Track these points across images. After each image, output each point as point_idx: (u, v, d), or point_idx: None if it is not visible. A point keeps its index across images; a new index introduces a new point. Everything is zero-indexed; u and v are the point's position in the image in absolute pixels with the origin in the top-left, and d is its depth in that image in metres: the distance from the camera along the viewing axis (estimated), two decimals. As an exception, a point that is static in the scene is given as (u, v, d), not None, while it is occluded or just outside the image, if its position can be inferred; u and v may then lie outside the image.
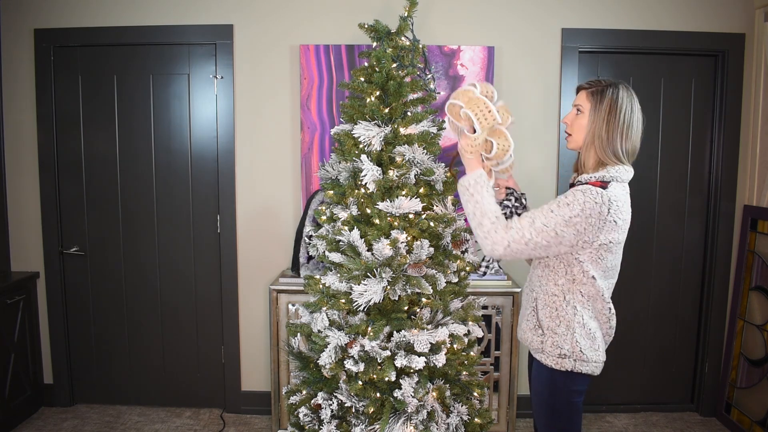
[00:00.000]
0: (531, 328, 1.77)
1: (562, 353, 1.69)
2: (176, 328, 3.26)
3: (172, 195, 3.18)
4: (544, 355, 1.73)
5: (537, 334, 1.74)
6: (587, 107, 1.69)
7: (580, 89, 1.76)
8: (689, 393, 3.33)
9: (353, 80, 2.03)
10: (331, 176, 2.10)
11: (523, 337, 1.82)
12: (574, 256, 1.66)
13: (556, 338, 1.70)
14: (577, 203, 1.58)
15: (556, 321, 1.70)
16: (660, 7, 3.02)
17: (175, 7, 3.04)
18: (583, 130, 1.70)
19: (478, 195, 1.67)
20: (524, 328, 1.80)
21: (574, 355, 1.68)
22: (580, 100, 1.72)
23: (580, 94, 1.74)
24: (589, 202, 1.57)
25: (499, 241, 1.62)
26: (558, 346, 1.69)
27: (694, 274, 3.26)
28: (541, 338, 1.73)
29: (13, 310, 3.01)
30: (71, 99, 3.12)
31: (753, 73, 3.04)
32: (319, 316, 2.01)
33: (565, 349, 1.69)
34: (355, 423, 1.93)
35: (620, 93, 1.67)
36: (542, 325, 1.73)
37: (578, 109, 1.72)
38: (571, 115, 1.75)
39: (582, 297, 1.69)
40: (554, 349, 1.70)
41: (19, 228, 3.19)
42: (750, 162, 3.08)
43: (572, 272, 1.68)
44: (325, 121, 3.04)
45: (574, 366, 1.69)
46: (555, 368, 1.70)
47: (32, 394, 3.14)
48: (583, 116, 1.70)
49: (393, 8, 2.93)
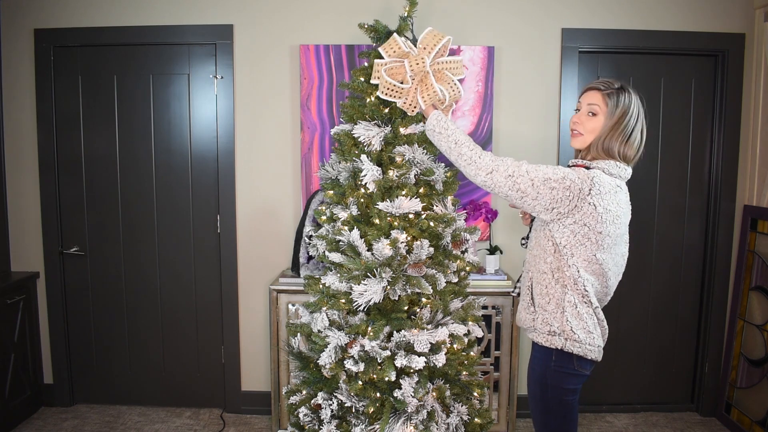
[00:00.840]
0: (525, 307, 1.81)
1: (551, 330, 1.71)
2: (176, 328, 3.26)
3: (172, 195, 3.18)
4: (536, 333, 1.76)
5: (529, 312, 1.78)
6: (603, 110, 1.71)
7: (592, 89, 1.74)
8: (689, 393, 3.33)
9: (353, 80, 2.03)
10: (331, 176, 2.10)
11: (518, 318, 1.86)
12: (553, 235, 1.69)
13: (546, 315, 1.72)
14: (561, 171, 1.65)
15: (546, 298, 1.73)
16: (660, 7, 3.02)
17: (175, 7, 3.04)
18: (595, 132, 1.72)
19: (446, 130, 1.80)
20: (520, 309, 1.85)
21: (564, 333, 1.69)
22: (595, 101, 1.72)
23: (593, 95, 1.73)
24: (572, 174, 1.64)
25: (484, 166, 1.70)
26: (548, 323, 1.72)
27: (694, 274, 3.26)
28: (533, 316, 1.76)
29: (13, 310, 3.01)
30: (71, 99, 3.12)
31: (753, 73, 3.04)
32: (319, 316, 2.01)
33: (554, 326, 1.70)
34: (355, 423, 1.93)
35: (633, 99, 1.72)
36: (534, 302, 1.77)
37: (593, 111, 1.72)
38: (582, 116, 1.75)
39: (567, 279, 1.70)
40: (544, 326, 1.72)
41: (19, 228, 3.19)
42: (750, 162, 3.08)
43: (558, 253, 1.70)
44: (325, 121, 3.04)
45: (565, 344, 1.69)
46: (545, 346, 1.72)
47: (32, 394, 3.14)
48: (597, 119, 1.72)
49: (393, 8, 2.93)
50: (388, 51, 1.92)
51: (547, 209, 1.66)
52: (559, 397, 1.74)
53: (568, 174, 1.64)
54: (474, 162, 1.72)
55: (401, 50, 1.91)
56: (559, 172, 1.64)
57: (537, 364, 1.78)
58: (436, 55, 1.92)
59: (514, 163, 1.69)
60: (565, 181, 1.62)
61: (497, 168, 1.69)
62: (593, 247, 1.67)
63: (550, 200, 1.64)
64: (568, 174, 1.64)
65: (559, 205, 1.63)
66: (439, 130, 1.81)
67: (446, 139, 1.79)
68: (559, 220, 1.66)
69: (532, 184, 1.65)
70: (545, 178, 1.64)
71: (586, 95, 1.76)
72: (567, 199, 1.62)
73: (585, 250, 1.67)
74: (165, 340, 3.27)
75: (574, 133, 1.77)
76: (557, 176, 1.64)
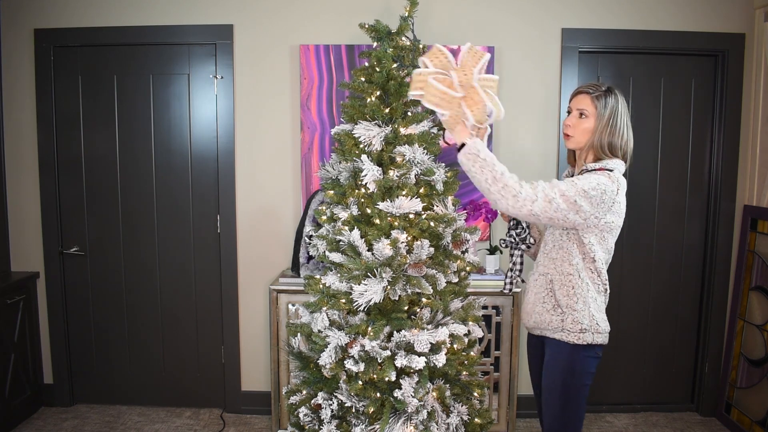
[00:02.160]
0: (549, 310, 1.84)
1: (582, 328, 1.79)
2: (176, 328, 3.26)
3: (172, 195, 3.18)
4: (564, 333, 1.81)
5: (557, 313, 1.82)
6: (592, 112, 1.80)
7: (580, 93, 1.84)
8: (689, 393, 3.33)
9: (353, 80, 2.03)
10: (331, 176, 2.10)
11: (538, 320, 1.88)
12: (582, 236, 1.78)
13: (576, 314, 1.79)
14: (594, 179, 1.71)
15: (574, 298, 1.80)
16: (660, 7, 3.02)
17: (175, 7, 3.04)
18: (587, 133, 1.82)
19: (490, 158, 1.71)
20: (539, 311, 1.87)
21: (592, 327, 1.80)
22: (583, 104, 1.82)
23: (582, 98, 1.83)
24: (604, 180, 1.72)
25: (528, 197, 1.68)
26: (578, 321, 1.79)
27: (694, 274, 3.26)
28: (561, 317, 1.82)
29: (13, 310, 3.01)
30: (71, 99, 3.12)
31: (753, 73, 3.04)
32: (319, 316, 2.01)
33: (584, 323, 1.79)
34: (355, 423, 1.93)
35: (619, 99, 1.82)
36: (560, 303, 1.82)
37: (582, 113, 1.82)
38: (573, 119, 1.84)
39: (592, 274, 1.81)
40: (575, 325, 1.80)
41: (19, 228, 3.19)
42: (750, 162, 3.08)
43: (583, 251, 1.79)
44: (325, 121, 3.04)
45: (593, 338, 1.80)
46: (577, 343, 1.80)
47: (32, 394, 3.14)
48: (587, 120, 1.81)
49: (393, 8, 2.93)
50: (433, 60, 1.79)
51: (587, 219, 1.73)
52: (581, 383, 1.83)
53: (600, 180, 1.71)
54: (519, 194, 1.68)
55: (447, 61, 1.78)
56: (592, 181, 1.70)
57: (562, 357, 1.83)
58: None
59: (548, 186, 1.71)
60: (600, 186, 1.70)
61: (538, 195, 1.69)
62: (612, 239, 1.82)
63: (591, 210, 1.71)
64: (600, 180, 1.71)
65: (597, 211, 1.72)
66: (484, 156, 1.70)
67: (490, 169, 1.70)
68: (591, 226, 1.75)
69: (575, 201, 1.69)
70: (582, 191, 1.69)
71: (576, 99, 1.85)
72: (603, 203, 1.72)
73: (606, 244, 1.81)
74: (165, 340, 3.27)
75: (565, 135, 1.88)
76: (591, 185, 1.70)
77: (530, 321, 1.92)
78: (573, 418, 1.86)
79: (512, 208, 1.69)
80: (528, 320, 1.94)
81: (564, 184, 1.71)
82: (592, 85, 1.83)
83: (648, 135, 3.15)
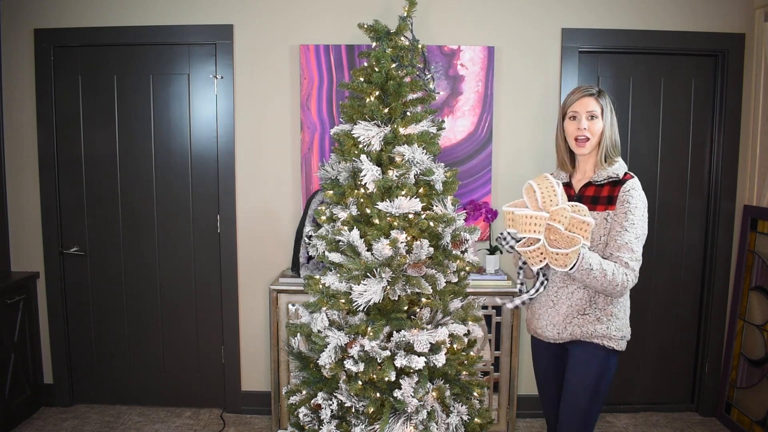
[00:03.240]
0: (594, 320, 1.87)
1: (622, 335, 1.89)
2: (176, 327, 3.26)
3: (172, 195, 3.18)
4: (609, 339, 1.86)
5: (602, 322, 1.86)
6: (599, 111, 1.88)
7: (584, 96, 1.90)
8: (689, 393, 3.33)
9: (353, 80, 2.03)
10: (331, 176, 2.10)
11: (577, 331, 1.88)
12: None
13: (618, 322, 1.88)
14: (640, 200, 1.83)
15: (617, 307, 1.88)
16: (660, 7, 3.02)
17: (175, 7, 3.04)
18: (597, 133, 1.89)
19: (597, 266, 1.73)
20: (580, 323, 1.88)
21: (626, 335, 1.91)
22: (591, 106, 1.88)
23: (587, 101, 1.89)
24: (641, 192, 1.85)
25: (633, 278, 1.80)
26: (619, 329, 1.88)
27: (694, 274, 3.25)
28: (607, 324, 1.86)
29: (13, 310, 3.01)
30: (71, 99, 3.12)
31: (753, 73, 3.03)
32: (319, 316, 2.01)
33: (624, 330, 1.89)
34: (355, 423, 1.93)
35: (608, 96, 1.92)
36: (606, 312, 1.87)
37: (593, 115, 1.88)
38: (586, 121, 1.89)
39: None
40: (618, 332, 1.87)
41: (19, 228, 3.19)
42: (750, 162, 3.08)
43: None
44: (325, 121, 3.04)
45: (624, 345, 1.90)
46: (616, 349, 1.88)
47: (32, 394, 3.14)
48: (598, 121, 1.88)
49: (393, 8, 2.93)
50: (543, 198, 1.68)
51: None
52: (608, 379, 1.90)
53: (640, 195, 1.84)
54: (627, 282, 1.78)
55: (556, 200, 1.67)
56: (640, 203, 1.82)
57: (596, 362, 1.88)
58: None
59: (632, 248, 1.79)
60: (644, 202, 1.85)
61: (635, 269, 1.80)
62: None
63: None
64: (640, 196, 1.83)
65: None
66: (596, 267, 1.72)
67: (602, 275, 1.73)
68: None
69: (645, 232, 1.84)
70: (644, 219, 1.83)
71: (581, 102, 1.90)
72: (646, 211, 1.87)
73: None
74: (165, 340, 3.27)
75: (581, 139, 1.90)
76: (642, 207, 1.83)
77: (564, 333, 1.90)
78: (595, 419, 1.93)
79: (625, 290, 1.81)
80: (559, 332, 1.90)
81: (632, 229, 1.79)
82: (588, 88, 1.91)
83: (648, 135, 3.15)
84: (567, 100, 1.94)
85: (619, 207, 1.82)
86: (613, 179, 1.88)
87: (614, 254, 1.79)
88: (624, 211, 1.81)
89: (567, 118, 1.93)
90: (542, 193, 1.68)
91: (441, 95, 3.01)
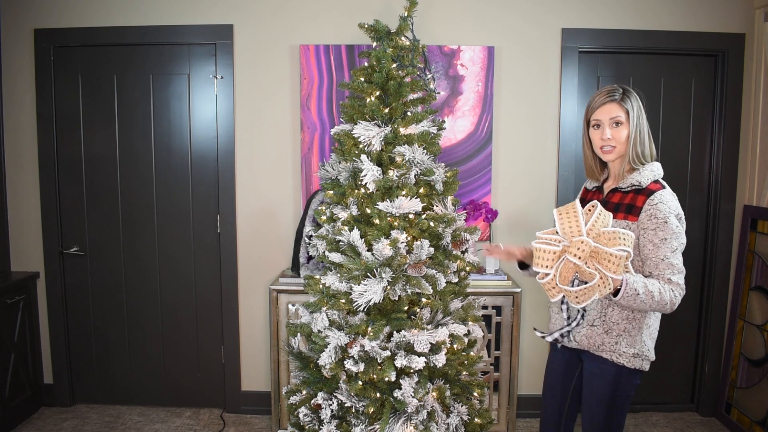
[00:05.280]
0: (602, 333, 1.79)
1: (634, 353, 1.78)
2: (176, 328, 3.26)
3: (172, 195, 3.18)
4: (616, 354, 1.78)
5: (611, 336, 1.79)
6: (625, 117, 1.77)
7: (606, 102, 1.78)
8: (689, 393, 3.33)
9: (353, 80, 2.03)
10: (331, 176, 2.10)
11: (585, 342, 1.82)
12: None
13: (630, 339, 1.78)
14: (670, 213, 1.70)
15: (633, 323, 1.77)
16: (660, 7, 3.02)
17: (175, 7, 3.04)
18: (626, 142, 1.78)
19: (642, 289, 1.62)
20: (589, 333, 1.81)
21: (642, 354, 1.79)
22: (615, 112, 1.77)
23: (611, 107, 1.77)
24: (671, 204, 1.72)
25: (680, 292, 1.68)
26: (632, 345, 1.78)
27: (694, 274, 3.25)
28: (616, 339, 1.78)
29: (13, 310, 3.01)
30: (71, 99, 3.12)
31: (753, 73, 3.03)
32: (319, 316, 2.01)
33: (636, 348, 1.78)
34: (355, 423, 1.93)
35: (636, 97, 1.80)
36: (618, 327, 1.78)
37: (616, 122, 1.77)
38: (610, 129, 1.78)
39: None
40: (629, 348, 1.78)
41: (19, 228, 3.19)
42: (750, 162, 3.08)
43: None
44: (325, 121, 3.04)
45: (642, 365, 1.80)
46: (626, 366, 1.78)
47: (32, 394, 3.14)
48: (623, 127, 1.77)
49: (393, 8, 2.93)
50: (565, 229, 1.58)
51: None
52: (625, 395, 1.82)
53: (672, 210, 1.71)
54: (675, 299, 1.67)
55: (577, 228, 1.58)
56: (671, 218, 1.69)
57: (611, 367, 1.80)
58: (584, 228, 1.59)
59: (670, 264, 1.69)
60: (678, 215, 1.72)
61: (681, 284, 1.69)
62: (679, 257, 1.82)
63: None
64: (673, 211, 1.71)
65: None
66: (642, 291, 1.61)
67: (649, 297, 1.63)
68: None
69: (682, 245, 1.72)
70: (678, 233, 1.71)
71: (603, 109, 1.79)
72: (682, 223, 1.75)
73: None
74: (165, 340, 3.27)
75: (607, 149, 1.80)
76: (675, 220, 1.70)
77: (574, 339, 1.85)
78: (620, 423, 1.85)
79: (674, 308, 1.70)
80: (574, 338, 1.85)
81: (668, 245, 1.68)
82: (612, 91, 1.78)
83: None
84: (590, 105, 1.83)
85: (647, 222, 1.70)
86: (636, 187, 1.77)
87: (654, 273, 1.69)
88: (654, 226, 1.69)
89: (591, 127, 1.83)
90: (561, 224, 1.59)
91: (441, 95, 3.01)
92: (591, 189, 1.99)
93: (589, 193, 1.99)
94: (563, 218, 1.60)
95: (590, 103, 1.83)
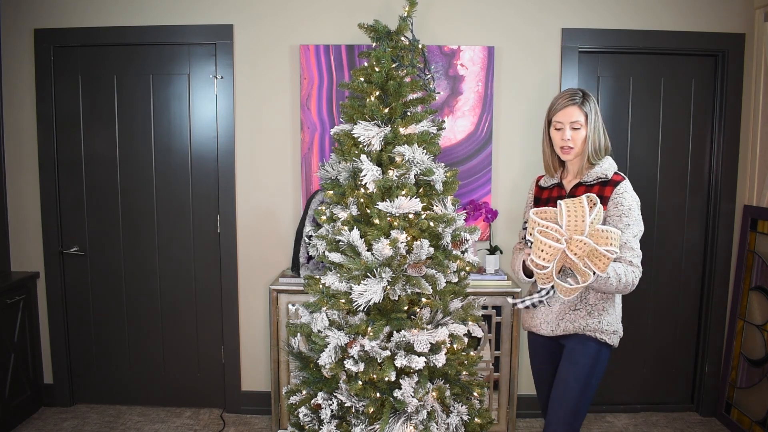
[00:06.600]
0: (585, 315, 1.93)
1: (614, 330, 1.94)
2: (176, 328, 3.26)
3: (172, 195, 3.18)
4: (601, 332, 1.92)
5: (593, 316, 1.93)
6: (583, 120, 1.91)
7: (567, 106, 1.92)
8: (689, 393, 3.33)
9: (353, 80, 2.03)
10: (331, 176, 2.10)
11: (570, 327, 1.94)
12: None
13: (609, 317, 1.94)
14: (634, 201, 1.89)
15: (610, 302, 1.94)
16: (660, 7, 3.02)
17: (175, 7, 3.04)
18: (583, 142, 1.93)
19: (613, 273, 1.80)
20: (572, 318, 1.94)
21: (618, 331, 1.96)
22: (575, 116, 1.91)
23: (571, 111, 1.91)
24: (633, 193, 1.90)
25: (638, 273, 1.87)
26: (611, 323, 1.94)
27: (694, 274, 3.25)
28: (598, 318, 1.92)
29: (13, 310, 3.01)
30: (71, 99, 3.12)
31: (753, 73, 3.03)
32: (319, 316, 2.01)
33: (615, 326, 1.95)
34: (355, 423, 1.93)
35: (593, 99, 1.94)
36: (597, 307, 1.93)
37: (576, 126, 1.91)
38: (569, 131, 1.92)
39: None
40: (609, 326, 1.93)
41: (19, 228, 3.19)
42: (750, 162, 3.08)
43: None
44: (325, 121, 3.04)
45: (615, 342, 1.96)
46: (607, 343, 1.93)
47: (32, 394, 3.14)
48: (582, 129, 1.92)
49: (393, 8, 2.93)
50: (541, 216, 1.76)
51: None
52: (599, 373, 1.95)
53: (633, 196, 1.90)
54: (636, 276, 1.85)
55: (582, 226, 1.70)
56: (634, 203, 1.88)
57: (590, 352, 1.92)
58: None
59: (631, 247, 1.86)
60: (637, 201, 1.91)
61: (637, 258, 1.87)
62: None
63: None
64: (633, 196, 1.90)
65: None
66: (613, 276, 1.80)
67: (617, 281, 1.82)
68: None
69: (641, 231, 1.90)
70: (639, 219, 1.89)
71: (565, 112, 1.92)
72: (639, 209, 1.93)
73: None
74: (165, 340, 3.27)
75: (566, 149, 1.94)
76: (636, 206, 1.89)
77: (558, 329, 1.96)
78: (583, 411, 1.95)
79: (633, 289, 1.89)
80: (553, 329, 1.97)
81: (630, 230, 1.85)
82: (572, 94, 1.92)
83: (648, 135, 3.15)
84: (552, 107, 1.96)
85: (613, 209, 1.87)
86: (602, 179, 1.93)
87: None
88: (619, 213, 1.86)
89: (552, 127, 1.97)
90: (569, 217, 1.71)
91: (441, 95, 3.01)
92: (548, 186, 2.08)
93: (545, 190, 2.08)
94: (570, 212, 1.71)
95: (552, 104, 1.97)
